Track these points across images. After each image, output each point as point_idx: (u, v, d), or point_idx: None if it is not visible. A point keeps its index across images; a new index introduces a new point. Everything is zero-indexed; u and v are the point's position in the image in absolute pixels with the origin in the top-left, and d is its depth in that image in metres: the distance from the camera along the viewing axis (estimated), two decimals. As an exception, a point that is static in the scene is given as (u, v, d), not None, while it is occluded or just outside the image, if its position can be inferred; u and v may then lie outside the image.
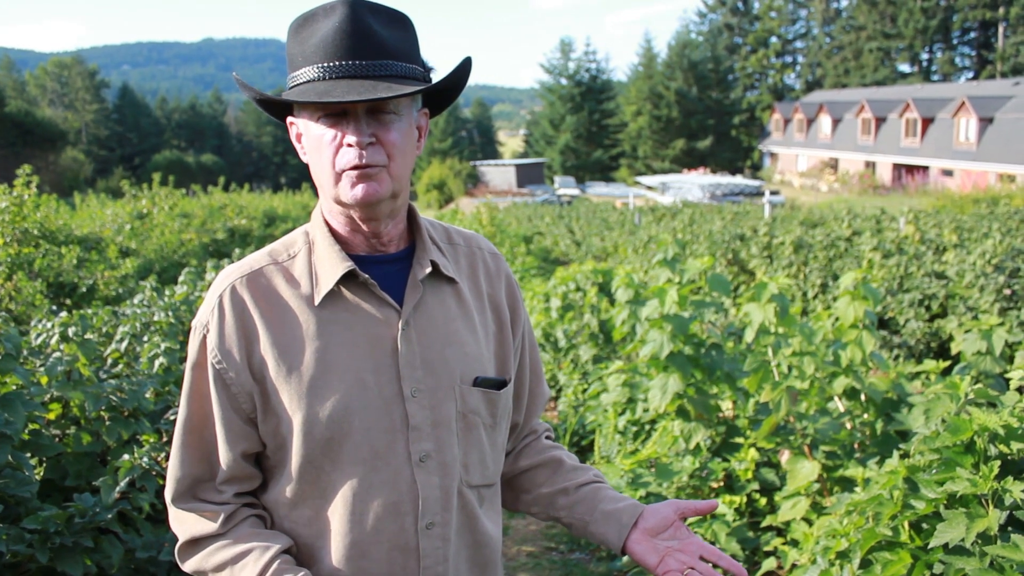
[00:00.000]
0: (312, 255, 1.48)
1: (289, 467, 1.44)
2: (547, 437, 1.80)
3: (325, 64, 1.38)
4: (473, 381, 1.52)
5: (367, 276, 1.45)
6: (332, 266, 1.45)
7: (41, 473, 3.04)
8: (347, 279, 1.45)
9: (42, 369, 3.19)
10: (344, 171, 1.39)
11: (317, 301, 1.44)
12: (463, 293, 1.57)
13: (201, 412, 1.46)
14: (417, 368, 1.46)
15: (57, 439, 3.14)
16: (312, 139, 1.42)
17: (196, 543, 1.47)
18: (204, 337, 1.45)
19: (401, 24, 1.44)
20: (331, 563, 1.45)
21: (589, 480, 1.69)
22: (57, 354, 3.33)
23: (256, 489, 1.53)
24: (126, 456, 2.79)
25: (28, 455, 2.87)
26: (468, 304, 1.57)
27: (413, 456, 1.45)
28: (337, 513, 1.44)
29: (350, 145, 1.38)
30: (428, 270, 1.50)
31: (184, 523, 1.48)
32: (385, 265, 1.50)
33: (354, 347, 1.44)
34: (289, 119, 1.51)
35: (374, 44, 1.38)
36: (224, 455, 1.45)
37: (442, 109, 1.58)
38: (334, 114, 1.39)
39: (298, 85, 1.41)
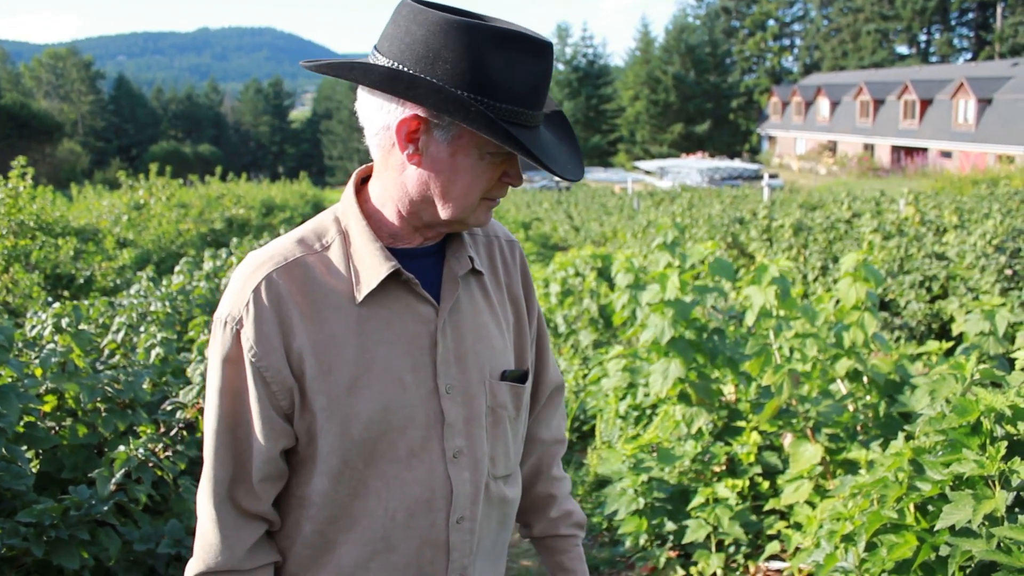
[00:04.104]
0: (348, 247, 1.42)
1: (319, 464, 1.40)
2: (560, 452, 1.80)
3: (530, 112, 1.33)
4: (501, 375, 1.52)
5: (411, 276, 1.41)
6: (375, 264, 1.39)
7: (37, 466, 3.01)
8: (388, 276, 1.40)
9: (37, 361, 3.16)
10: (487, 199, 1.39)
11: (359, 299, 1.39)
12: (487, 286, 1.55)
13: (234, 410, 1.39)
14: (451, 364, 1.44)
15: (53, 431, 3.10)
16: (463, 166, 1.34)
17: (209, 575, 1.42)
18: (238, 332, 1.37)
19: None
20: (358, 557, 1.42)
21: (551, 534, 1.76)
22: (51, 346, 3.30)
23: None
24: (121, 448, 2.76)
25: (23, 448, 2.84)
26: (492, 297, 1.56)
27: (447, 452, 1.43)
28: (368, 509, 1.41)
29: (511, 184, 1.39)
30: (468, 268, 1.49)
31: (205, 542, 1.42)
32: (420, 259, 1.46)
33: (394, 345, 1.40)
34: (420, 113, 1.31)
35: (547, 93, 1.38)
36: (262, 453, 1.39)
37: None
38: (504, 152, 1.36)
39: (497, 115, 1.29)
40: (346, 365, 1.37)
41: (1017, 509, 2.04)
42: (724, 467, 4.20)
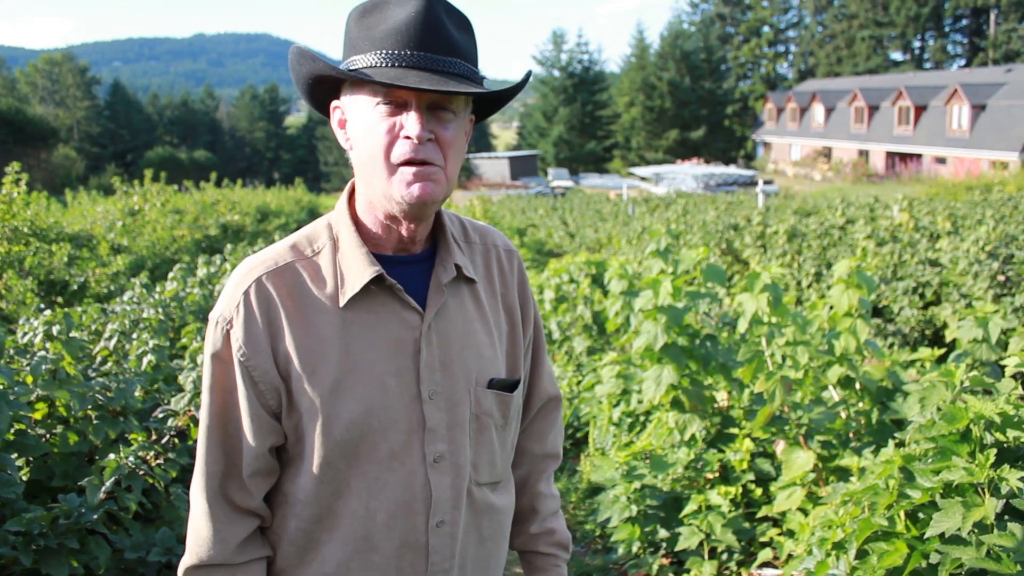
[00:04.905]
0: (337, 253, 1.46)
1: (305, 462, 1.44)
2: (552, 466, 1.80)
3: (394, 51, 1.34)
4: (488, 383, 1.53)
5: (394, 281, 1.44)
6: (360, 269, 1.43)
7: (27, 474, 2.99)
8: (373, 281, 1.44)
9: (28, 368, 3.15)
10: (399, 165, 1.36)
11: (343, 303, 1.42)
12: (480, 294, 1.57)
13: (225, 406, 1.43)
14: (436, 370, 1.47)
15: (43, 439, 3.09)
16: (364, 126, 1.38)
17: (201, 569, 1.44)
18: (228, 332, 1.42)
19: (467, 28, 1.43)
20: (340, 556, 1.45)
21: (530, 549, 1.76)
22: (42, 353, 3.29)
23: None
24: (111, 456, 2.76)
25: (14, 456, 2.83)
26: (484, 305, 1.57)
27: (428, 457, 1.46)
28: (350, 509, 1.44)
29: (407, 137, 1.35)
30: (453, 275, 1.50)
31: (198, 536, 1.44)
32: (409, 266, 1.49)
33: (376, 350, 1.43)
34: (335, 103, 1.47)
35: (445, 40, 1.36)
36: (252, 449, 1.43)
37: (484, 118, 1.57)
38: (394, 104, 1.36)
39: (360, 69, 1.37)
40: (329, 367, 1.41)
41: (1006, 516, 2.04)
42: (717, 474, 4.20)
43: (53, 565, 2.44)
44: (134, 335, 4.57)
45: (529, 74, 1.51)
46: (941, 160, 38.27)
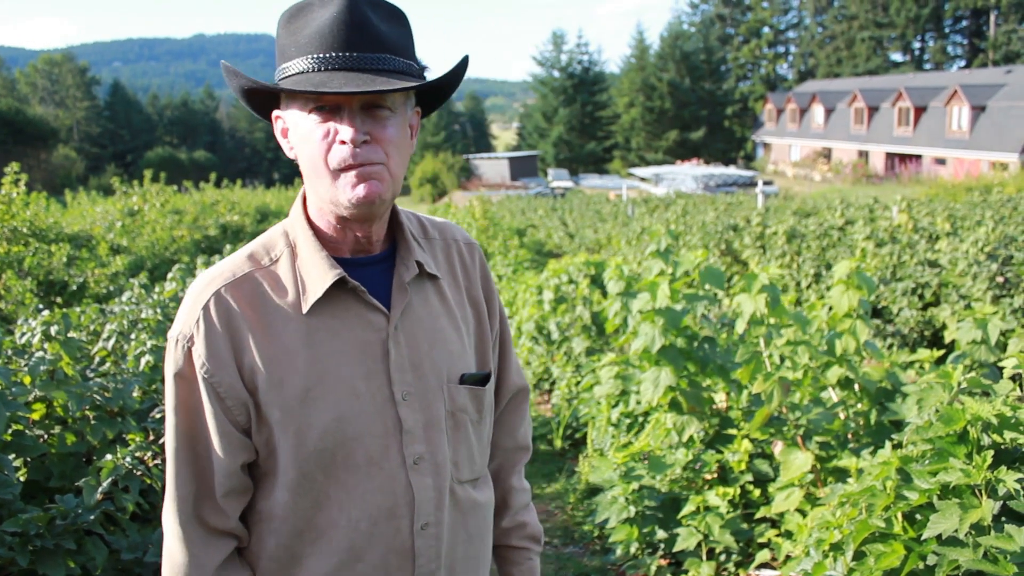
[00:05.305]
0: (296, 259, 1.43)
1: (280, 477, 1.41)
2: (521, 462, 1.79)
3: (320, 55, 1.32)
4: (459, 379, 1.51)
5: (357, 283, 1.42)
6: (320, 274, 1.40)
7: (25, 474, 2.99)
8: (335, 285, 1.41)
9: (26, 369, 3.14)
10: (340, 170, 1.35)
11: (305, 310, 1.39)
12: (444, 289, 1.55)
13: (192, 426, 1.40)
14: (407, 371, 1.44)
15: (41, 440, 3.09)
16: (302, 134, 1.37)
17: None
18: (189, 349, 1.38)
19: (398, 19, 1.40)
20: (325, 569, 1.42)
21: (502, 543, 1.75)
22: (40, 353, 3.28)
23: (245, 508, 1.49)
24: (109, 456, 2.75)
25: (11, 456, 2.83)
26: (449, 300, 1.55)
27: (407, 459, 1.43)
28: (331, 520, 1.42)
29: (343, 142, 1.33)
30: (415, 273, 1.48)
31: (173, 562, 1.42)
32: (370, 267, 1.47)
33: (344, 355, 1.41)
34: (275, 113, 1.45)
35: (372, 37, 1.34)
36: (224, 468, 1.40)
37: (434, 109, 1.54)
38: (327, 108, 1.34)
39: (289, 76, 1.35)
40: (297, 376, 1.38)
41: (1004, 518, 2.04)
42: (715, 475, 4.20)
43: (50, 566, 2.44)
44: (132, 335, 4.57)
45: (466, 58, 1.47)
46: (941, 161, 38.28)
